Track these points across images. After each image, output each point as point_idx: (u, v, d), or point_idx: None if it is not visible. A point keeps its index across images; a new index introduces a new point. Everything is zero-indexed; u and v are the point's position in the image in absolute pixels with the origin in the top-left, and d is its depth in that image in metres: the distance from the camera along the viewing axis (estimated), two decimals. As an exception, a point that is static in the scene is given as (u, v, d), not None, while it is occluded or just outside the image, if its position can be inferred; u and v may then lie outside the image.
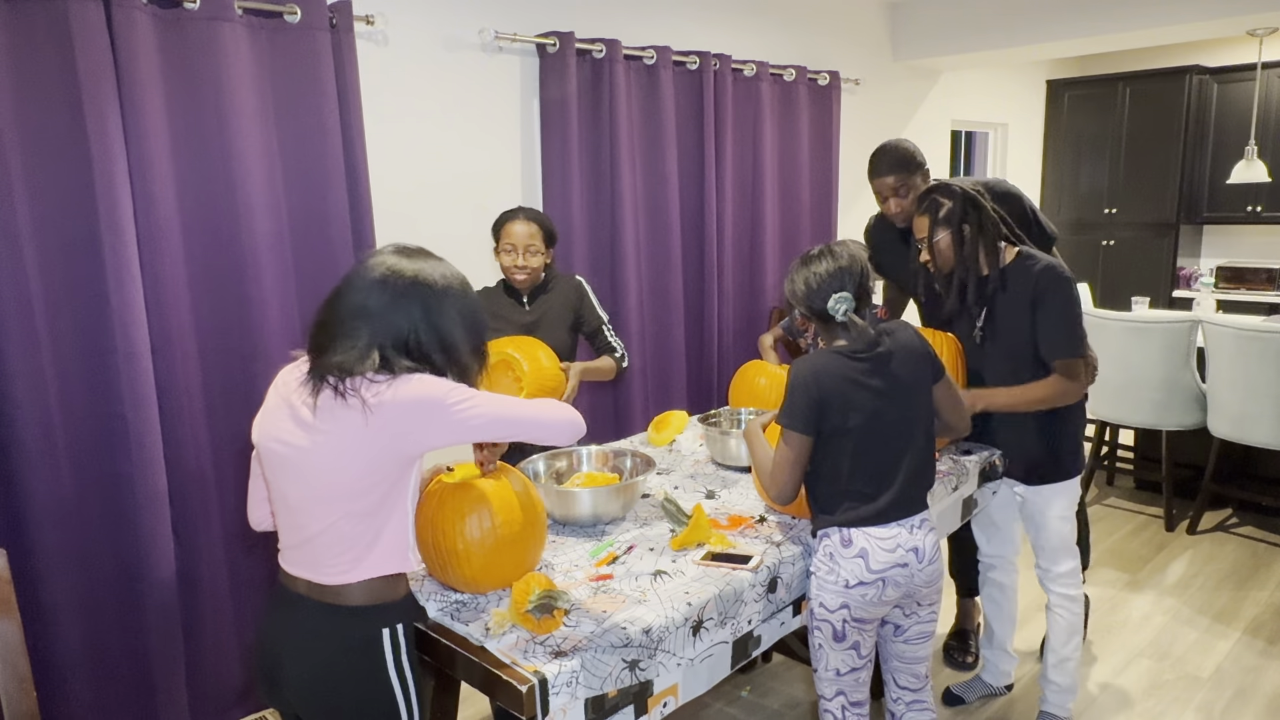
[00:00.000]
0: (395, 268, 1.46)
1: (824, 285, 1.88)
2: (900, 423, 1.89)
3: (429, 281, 1.46)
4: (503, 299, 2.67)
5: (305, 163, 2.69)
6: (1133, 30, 4.21)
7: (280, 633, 1.54)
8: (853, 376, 1.85)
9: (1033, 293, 2.23)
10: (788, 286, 1.96)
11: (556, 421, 1.56)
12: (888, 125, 5.11)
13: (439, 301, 1.46)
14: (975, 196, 2.23)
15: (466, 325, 1.50)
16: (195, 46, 2.44)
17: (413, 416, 1.40)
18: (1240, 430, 3.75)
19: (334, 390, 1.40)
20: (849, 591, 1.87)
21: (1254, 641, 3.11)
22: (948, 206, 2.23)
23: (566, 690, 1.49)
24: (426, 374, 1.45)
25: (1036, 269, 2.24)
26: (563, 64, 3.29)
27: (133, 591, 2.43)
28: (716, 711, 2.76)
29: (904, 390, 1.89)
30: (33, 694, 1.76)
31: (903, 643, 2.01)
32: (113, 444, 2.38)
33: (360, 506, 1.44)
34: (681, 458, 2.65)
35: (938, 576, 1.96)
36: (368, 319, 1.43)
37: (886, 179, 2.61)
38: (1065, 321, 2.23)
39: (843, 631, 1.90)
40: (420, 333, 1.45)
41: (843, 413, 1.85)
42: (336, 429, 1.40)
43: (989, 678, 2.77)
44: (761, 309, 4.21)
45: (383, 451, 1.41)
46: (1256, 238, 6.29)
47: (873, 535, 1.87)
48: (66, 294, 2.31)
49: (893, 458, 1.89)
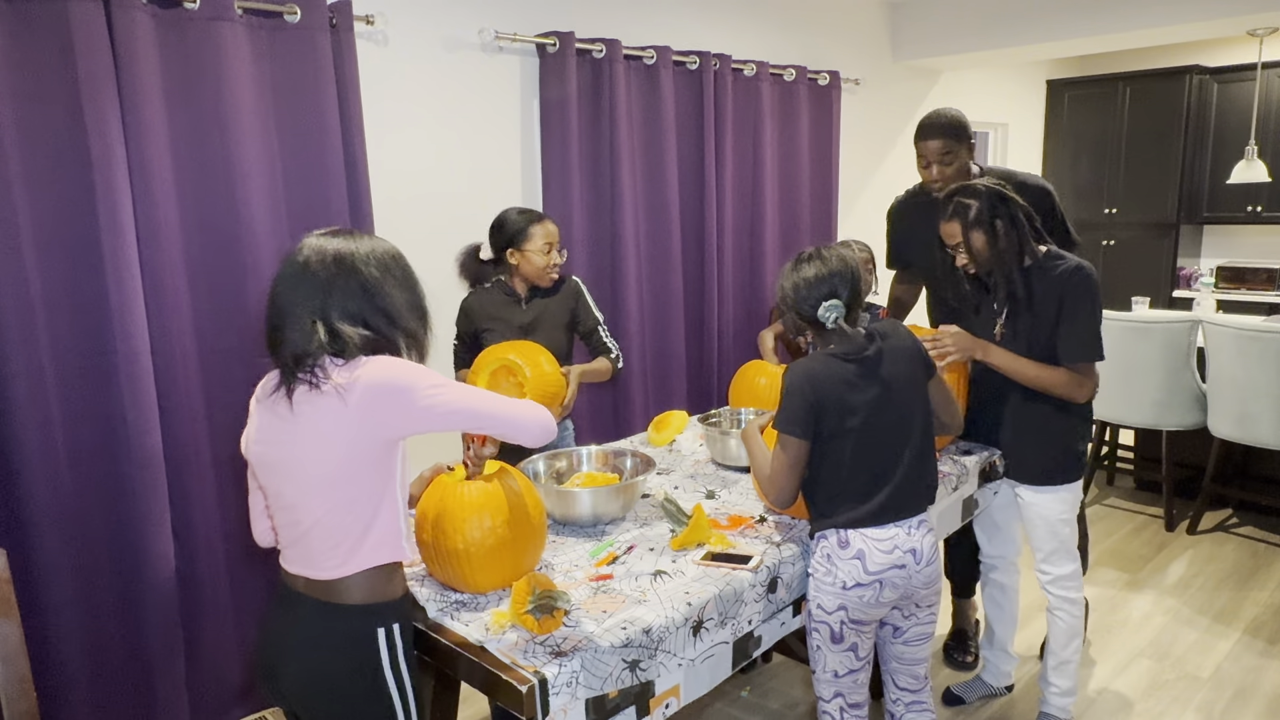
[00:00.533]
0: (317, 247, 1.49)
1: (813, 291, 1.87)
2: (897, 423, 1.90)
3: (351, 253, 1.49)
4: (500, 299, 2.66)
5: (305, 163, 2.68)
6: (1133, 30, 4.21)
7: (279, 631, 1.55)
8: (847, 379, 1.85)
9: (1060, 292, 2.21)
10: (779, 293, 1.96)
11: (525, 420, 1.56)
12: (888, 125, 5.11)
13: (366, 269, 1.48)
14: (1000, 190, 2.20)
15: (400, 289, 1.52)
16: (195, 46, 2.44)
17: (382, 400, 1.42)
18: (1240, 430, 3.75)
19: (306, 383, 1.42)
20: (846, 593, 1.87)
21: (1254, 641, 3.11)
22: (975, 206, 2.18)
23: (567, 690, 1.49)
24: (388, 356, 1.47)
25: (1065, 268, 2.22)
26: (563, 64, 3.29)
27: (133, 591, 2.43)
28: (717, 712, 2.76)
29: (898, 390, 1.89)
30: (33, 694, 1.76)
31: (902, 644, 2.01)
32: (113, 444, 2.37)
33: (347, 494, 1.45)
34: (681, 458, 2.65)
35: (936, 578, 1.96)
36: (305, 302, 1.45)
37: (933, 143, 2.59)
38: (1089, 326, 2.21)
39: (840, 633, 1.90)
40: (357, 302, 1.47)
41: (839, 416, 1.85)
42: (315, 416, 1.42)
43: (989, 678, 2.77)
44: (761, 309, 4.21)
45: (360, 434, 1.43)
46: (1256, 238, 6.29)
47: (870, 537, 1.87)
48: (66, 294, 2.30)
49: (890, 458, 1.89)
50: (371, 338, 1.47)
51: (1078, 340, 2.22)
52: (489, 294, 2.67)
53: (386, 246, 1.56)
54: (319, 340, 1.43)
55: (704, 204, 3.85)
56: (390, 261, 1.53)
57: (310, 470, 1.44)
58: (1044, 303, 2.23)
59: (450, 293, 3.18)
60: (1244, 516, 4.23)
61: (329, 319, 1.45)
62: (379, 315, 1.48)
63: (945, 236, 2.28)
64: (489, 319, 2.63)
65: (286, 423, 1.45)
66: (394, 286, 1.51)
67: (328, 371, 1.43)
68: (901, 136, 5.22)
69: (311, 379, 1.42)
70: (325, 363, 1.43)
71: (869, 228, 4.83)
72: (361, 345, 1.45)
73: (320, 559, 1.48)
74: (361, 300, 1.47)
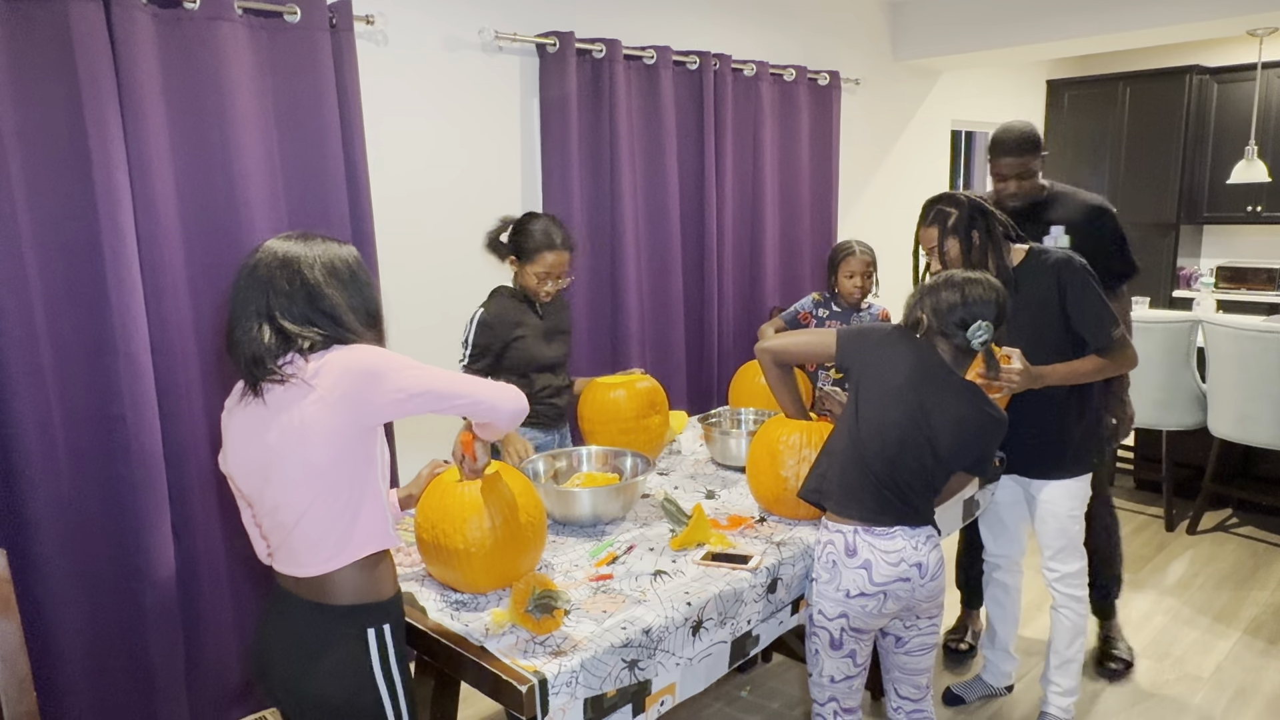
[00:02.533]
0: (269, 250, 1.49)
1: (973, 307, 1.88)
2: (914, 437, 1.88)
3: (298, 256, 1.48)
4: (520, 304, 2.62)
5: (305, 163, 2.68)
6: (1133, 30, 4.21)
7: (271, 631, 1.55)
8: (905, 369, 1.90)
9: (1057, 285, 2.24)
10: (930, 300, 1.94)
11: (496, 399, 1.55)
12: (888, 125, 5.11)
13: (310, 271, 1.47)
14: (981, 204, 2.24)
15: (346, 291, 1.50)
16: (195, 46, 2.44)
17: (354, 386, 1.41)
18: (1240, 430, 3.75)
19: (275, 380, 1.42)
20: (849, 601, 1.86)
21: (1254, 641, 3.11)
22: (955, 215, 2.23)
23: (566, 690, 1.49)
24: (360, 344, 1.47)
25: (1050, 261, 2.26)
26: (563, 64, 3.29)
27: (133, 591, 2.43)
28: (716, 712, 2.76)
29: (945, 424, 1.88)
30: (33, 694, 1.76)
31: (904, 654, 2.01)
32: (113, 444, 2.37)
33: (329, 484, 1.44)
34: (681, 458, 2.65)
35: (939, 592, 1.95)
36: (252, 303, 1.46)
37: (1007, 159, 2.61)
38: (1099, 308, 2.24)
39: (840, 640, 1.90)
40: (300, 304, 1.46)
41: (877, 381, 1.90)
42: (288, 411, 1.42)
43: (989, 678, 2.77)
44: (761, 309, 4.21)
45: (336, 421, 1.42)
46: (1256, 238, 6.29)
47: (877, 547, 1.86)
48: (66, 294, 2.30)
49: (903, 467, 1.88)
50: (329, 336, 1.46)
51: (1097, 324, 2.24)
52: (503, 301, 2.61)
53: (340, 250, 1.54)
54: (265, 342, 1.43)
55: (704, 204, 3.85)
56: (338, 264, 1.51)
57: (290, 465, 1.44)
58: (1044, 292, 2.25)
59: (453, 284, 3.19)
60: (1244, 516, 4.23)
61: (274, 320, 1.44)
62: (322, 317, 1.47)
63: (922, 241, 2.33)
64: (514, 325, 2.57)
65: (261, 423, 1.45)
66: (338, 288, 1.49)
67: (294, 365, 1.43)
68: (902, 136, 5.22)
69: (278, 376, 1.42)
70: (293, 358, 1.43)
71: (869, 228, 4.84)
72: (322, 341, 1.45)
73: (309, 555, 1.48)
74: (305, 303, 1.46)
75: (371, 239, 2.83)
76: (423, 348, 3.15)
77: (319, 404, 1.40)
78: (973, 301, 1.88)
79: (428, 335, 3.13)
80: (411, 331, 3.09)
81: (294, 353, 1.44)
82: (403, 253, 3.07)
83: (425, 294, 3.16)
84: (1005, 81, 6.14)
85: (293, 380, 1.42)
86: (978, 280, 1.91)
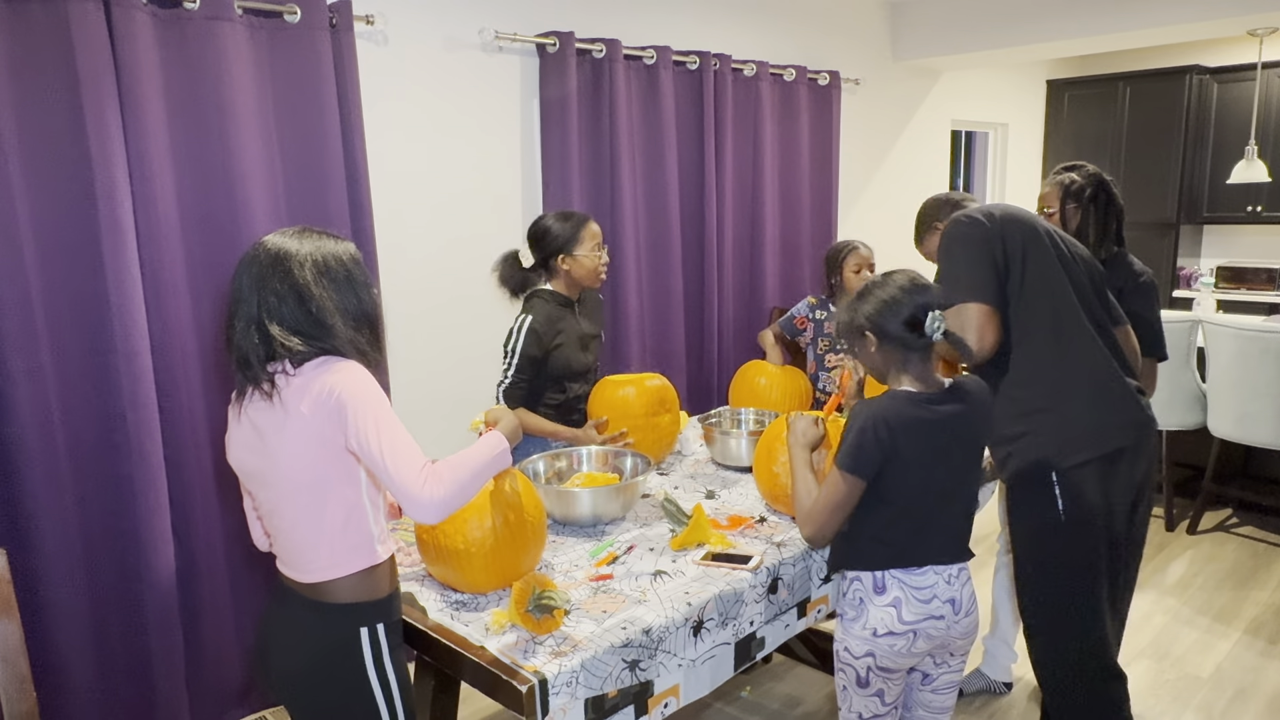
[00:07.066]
0: (264, 246, 1.43)
1: (907, 299, 1.68)
2: (950, 483, 1.75)
3: (290, 253, 1.41)
4: (561, 309, 2.55)
5: (305, 162, 2.68)
6: (1133, 30, 4.21)
7: (271, 627, 1.56)
8: (926, 426, 1.68)
9: (1136, 285, 2.35)
10: (845, 315, 1.77)
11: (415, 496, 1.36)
12: (888, 125, 5.11)
13: (300, 270, 1.39)
14: (1107, 181, 2.40)
15: (339, 292, 1.43)
16: (195, 46, 2.44)
17: (326, 412, 1.37)
18: (1240, 430, 3.75)
19: (263, 394, 1.40)
20: (876, 640, 1.74)
21: (1254, 641, 3.11)
22: (1080, 182, 2.37)
23: (566, 690, 1.49)
24: (350, 365, 1.41)
25: (1138, 266, 2.40)
26: (563, 64, 3.29)
27: (133, 591, 2.43)
28: (717, 712, 2.76)
29: (964, 448, 1.75)
30: (33, 694, 1.76)
31: (930, 692, 1.88)
32: (113, 444, 2.37)
33: (314, 500, 1.43)
34: (681, 458, 2.65)
35: (974, 628, 1.82)
36: (244, 301, 1.41)
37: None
38: (1160, 323, 2.38)
39: (866, 679, 1.78)
40: (289, 305, 1.40)
41: (907, 467, 1.68)
42: (272, 426, 1.41)
43: (989, 670, 2.77)
44: (761, 309, 4.21)
45: (312, 443, 1.39)
46: (1256, 238, 6.29)
47: (908, 584, 1.73)
48: (66, 294, 2.30)
49: (938, 511, 1.75)
50: (311, 349, 1.40)
51: (1160, 339, 2.37)
52: (547, 307, 2.53)
53: (336, 247, 1.46)
54: (252, 344, 1.39)
55: (704, 204, 3.85)
56: (332, 262, 1.43)
57: (278, 478, 1.44)
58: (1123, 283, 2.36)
59: (453, 285, 3.19)
60: (1244, 516, 4.23)
61: (260, 322, 1.39)
62: (310, 321, 1.40)
63: (1041, 201, 2.46)
64: (557, 334, 2.52)
65: (254, 430, 1.45)
66: (328, 289, 1.41)
67: (275, 383, 1.39)
68: (901, 136, 5.22)
69: (264, 388, 1.40)
70: (284, 366, 1.40)
71: (869, 228, 4.84)
72: (306, 353, 1.40)
73: (301, 562, 1.48)
74: (294, 304, 1.39)
75: (371, 239, 2.82)
76: (423, 347, 3.15)
77: (297, 427, 1.39)
78: (910, 291, 1.69)
79: (428, 335, 3.13)
80: (412, 331, 3.09)
81: (283, 360, 1.40)
82: (402, 253, 3.07)
83: (425, 294, 3.15)
84: (1005, 81, 6.14)
85: (276, 401, 1.39)
86: (895, 273, 1.76)
